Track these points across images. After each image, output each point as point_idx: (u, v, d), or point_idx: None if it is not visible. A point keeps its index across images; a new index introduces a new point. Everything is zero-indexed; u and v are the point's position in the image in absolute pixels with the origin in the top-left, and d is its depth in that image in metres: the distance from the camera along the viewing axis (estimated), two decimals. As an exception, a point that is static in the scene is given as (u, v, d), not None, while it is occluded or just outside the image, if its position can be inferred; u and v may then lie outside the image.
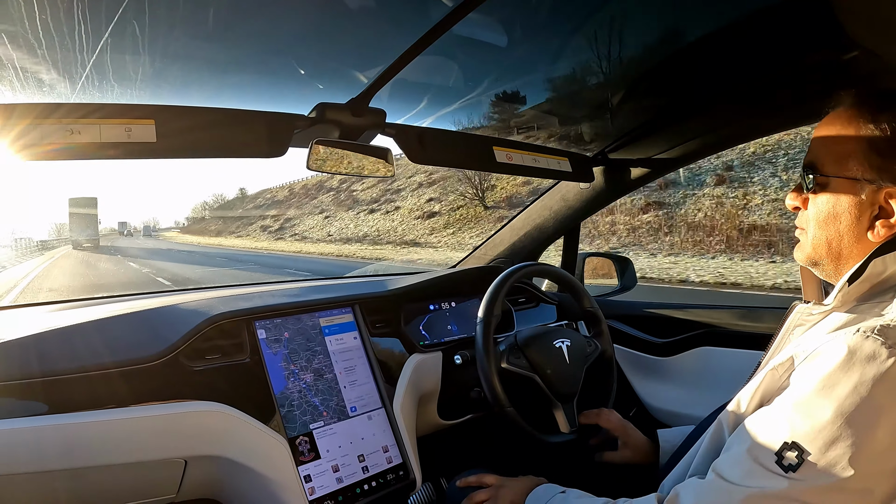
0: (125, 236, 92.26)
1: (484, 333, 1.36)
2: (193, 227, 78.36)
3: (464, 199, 27.49)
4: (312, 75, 1.24)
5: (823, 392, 0.71)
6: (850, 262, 0.84)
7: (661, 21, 1.19)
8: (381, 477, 1.35)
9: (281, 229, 45.27)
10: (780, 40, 1.16)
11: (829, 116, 0.87)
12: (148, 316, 1.33)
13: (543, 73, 1.43)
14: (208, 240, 55.18)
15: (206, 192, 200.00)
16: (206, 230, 65.71)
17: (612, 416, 1.36)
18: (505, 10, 1.09)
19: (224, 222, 63.76)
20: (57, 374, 1.10)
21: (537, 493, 1.09)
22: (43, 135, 0.93)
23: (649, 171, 1.76)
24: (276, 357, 1.35)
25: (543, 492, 1.08)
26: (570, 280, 1.61)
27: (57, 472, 1.07)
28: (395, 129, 1.31)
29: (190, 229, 79.81)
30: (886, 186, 0.80)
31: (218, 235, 57.82)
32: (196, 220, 79.08)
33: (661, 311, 1.98)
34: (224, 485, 1.26)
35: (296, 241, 38.27)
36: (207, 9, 0.98)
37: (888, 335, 0.71)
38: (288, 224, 45.81)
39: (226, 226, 62.07)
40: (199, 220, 77.60)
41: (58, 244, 47.67)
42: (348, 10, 1.04)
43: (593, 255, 2.18)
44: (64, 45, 0.96)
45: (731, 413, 0.88)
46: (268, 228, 48.50)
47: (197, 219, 79.72)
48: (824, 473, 0.68)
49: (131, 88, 1.18)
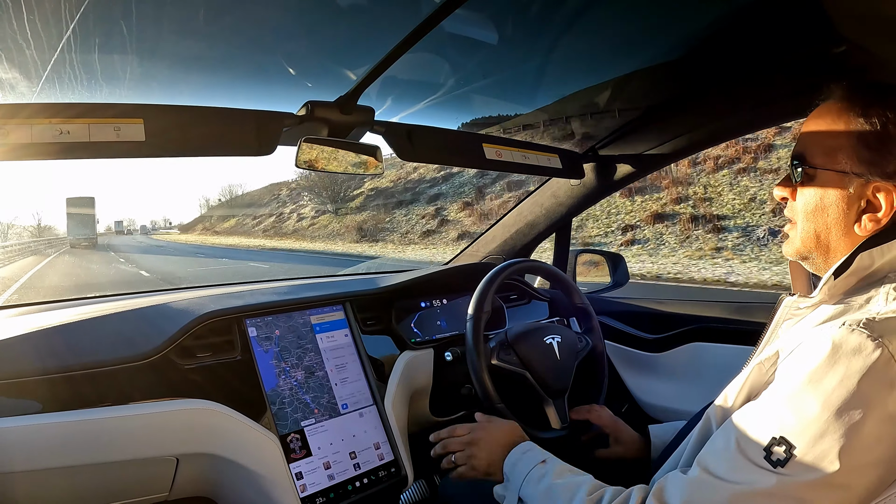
0: (122, 235, 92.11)
1: (474, 330, 1.37)
2: (190, 227, 78.13)
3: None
4: (301, 73, 1.24)
5: (810, 386, 0.71)
6: (837, 256, 0.84)
7: (650, 18, 1.19)
8: (373, 474, 1.36)
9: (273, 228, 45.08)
10: (769, 36, 1.17)
11: (818, 109, 0.87)
12: (139, 314, 1.33)
13: (533, 70, 1.43)
14: (202, 238, 54.89)
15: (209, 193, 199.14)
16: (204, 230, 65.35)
17: (603, 413, 1.37)
18: (495, 7, 1.09)
19: (215, 221, 63.30)
20: (49, 373, 1.10)
21: (514, 458, 1.07)
22: (32, 134, 0.93)
23: (640, 167, 1.76)
24: (267, 355, 1.35)
25: (521, 457, 1.06)
26: (562, 276, 1.61)
27: (49, 470, 1.07)
28: (385, 126, 1.31)
29: (187, 228, 79.65)
30: (874, 181, 0.79)
31: (214, 235, 57.52)
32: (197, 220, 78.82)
33: (653, 306, 1.98)
34: (216, 483, 1.26)
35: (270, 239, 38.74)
36: (195, 7, 0.98)
37: (873, 328, 0.71)
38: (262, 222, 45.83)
39: (213, 225, 61.76)
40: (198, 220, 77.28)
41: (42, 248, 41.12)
42: (337, 7, 1.04)
43: (585, 252, 2.19)
44: (52, 46, 0.96)
45: (718, 407, 0.87)
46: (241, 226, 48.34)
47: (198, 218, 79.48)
48: (812, 468, 0.68)
49: (120, 88, 1.19)
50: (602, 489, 0.90)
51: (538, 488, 0.97)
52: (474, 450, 1.15)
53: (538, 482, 0.98)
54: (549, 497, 0.94)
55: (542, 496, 0.96)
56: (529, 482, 0.99)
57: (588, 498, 0.88)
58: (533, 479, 0.99)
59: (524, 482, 1.00)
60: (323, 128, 1.23)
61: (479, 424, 1.20)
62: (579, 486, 0.92)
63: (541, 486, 0.97)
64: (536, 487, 0.98)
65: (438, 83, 1.40)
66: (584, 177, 1.80)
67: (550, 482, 0.96)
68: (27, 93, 1.14)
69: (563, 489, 0.93)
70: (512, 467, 1.05)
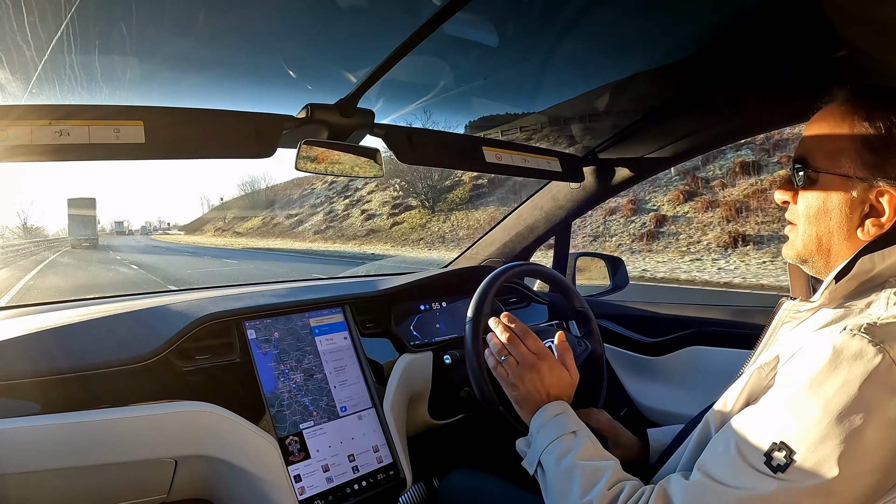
0: (122, 235, 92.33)
1: (473, 333, 1.36)
2: (191, 227, 78.21)
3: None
4: (301, 75, 1.25)
5: (811, 391, 0.70)
6: (839, 259, 0.84)
7: (651, 22, 1.19)
8: (372, 477, 1.35)
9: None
10: (770, 39, 1.17)
11: (821, 112, 0.86)
12: (138, 316, 1.33)
13: (534, 73, 1.43)
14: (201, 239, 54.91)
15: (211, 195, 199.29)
16: (204, 231, 65.22)
17: (602, 416, 1.36)
18: (496, 10, 1.09)
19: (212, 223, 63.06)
20: (48, 374, 1.10)
21: (540, 419, 1.02)
22: (32, 136, 0.93)
23: (639, 170, 1.76)
24: (266, 357, 1.35)
25: (549, 422, 1.01)
26: (561, 280, 1.61)
27: (47, 472, 1.07)
28: (385, 129, 1.31)
29: (188, 228, 79.78)
30: (878, 185, 0.79)
31: (213, 236, 57.38)
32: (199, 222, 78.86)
33: (653, 310, 1.98)
34: (214, 485, 1.26)
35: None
36: (196, 9, 0.98)
37: (875, 333, 0.70)
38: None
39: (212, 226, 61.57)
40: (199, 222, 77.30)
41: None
42: (337, 9, 1.04)
43: (585, 255, 2.18)
44: (52, 47, 0.96)
45: (717, 412, 0.87)
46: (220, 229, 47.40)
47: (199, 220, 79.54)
48: (812, 473, 0.68)
49: (120, 89, 1.19)
50: (622, 483, 0.87)
51: (560, 465, 0.93)
52: (526, 375, 1.09)
53: (561, 458, 0.94)
54: (569, 478, 0.90)
55: (562, 475, 0.91)
56: (551, 452, 0.96)
57: (606, 492, 0.85)
58: (555, 451, 0.95)
59: (545, 451, 0.97)
60: (323, 130, 1.23)
61: (549, 357, 1.13)
62: (602, 475, 0.88)
63: (563, 464, 0.93)
64: (559, 463, 0.93)
65: (438, 86, 1.40)
66: (584, 180, 1.80)
67: (573, 462, 0.92)
68: (27, 94, 1.14)
69: (585, 474, 0.89)
70: (538, 428, 1.02)
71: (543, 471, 0.97)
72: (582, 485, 0.87)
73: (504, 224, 2.13)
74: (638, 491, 0.83)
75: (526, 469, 1.02)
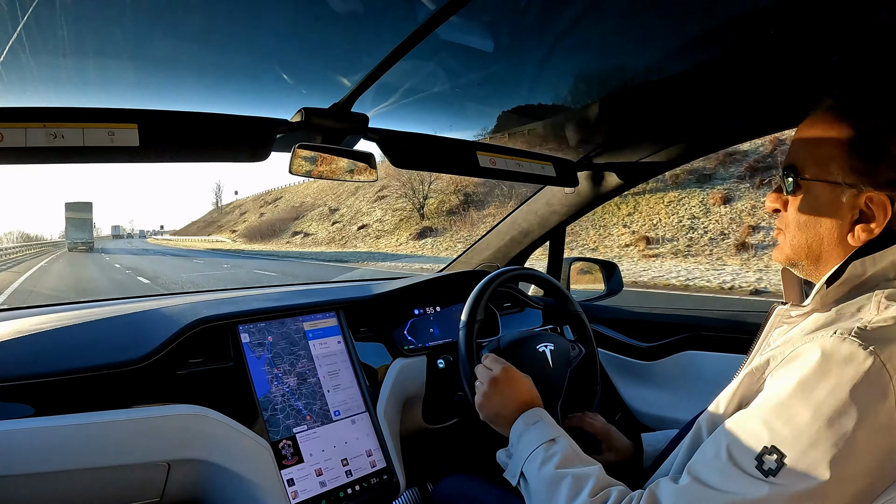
0: (117, 239, 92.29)
1: (466, 337, 1.36)
2: (184, 231, 78.30)
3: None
4: (296, 80, 1.24)
5: (802, 395, 0.70)
6: (829, 265, 0.84)
7: (644, 27, 1.20)
8: (365, 481, 1.35)
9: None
10: (762, 46, 1.17)
11: (810, 119, 0.86)
12: (131, 320, 1.33)
13: (528, 78, 1.43)
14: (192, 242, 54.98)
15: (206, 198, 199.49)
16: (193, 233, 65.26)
17: (596, 420, 1.36)
18: (491, 15, 1.09)
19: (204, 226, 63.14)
20: (41, 376, 1.10)
21: (520, 428, 1.03)
22: (26, 138, 0.93)
23: (634, 175, 1.77)
24: (260, 361, 1.35)
25: (528, 429, 1.02)
26: (555, 284, 1.61)
27: (39, 475, 1.07)
28: (378, 133, 1.31)
29: (181, 232, 79.83)
30: (867, 191, 0.79)
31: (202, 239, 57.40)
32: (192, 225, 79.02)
33: (647, 315, 1.98)
34: (207, 488, 1.25)
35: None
36: (191, 13, 0.98)
37: (865, 337, 0.70)
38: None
39: (203, 229, 61.60)
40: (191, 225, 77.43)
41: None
42: (332, 13, 1.04)
43: (579, 260, 2.19)
44: (47, 50, 0.96)
45: (709, 416, 0.87)
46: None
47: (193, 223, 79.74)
48: (803, 477, 0.67)
49: (114, 93, 1.19)
50: (608, 489, 0.86)
51: (542, 473, 0.93)
52: (491, 390, 1.13)
53: (543, 466, 0.93)
54: (553, 486, 0.89)
55: (546, 484, 0.91)
56: (533, 461, 0.95)
57: (591, 500, 0.84)
58: (537, 460, 0.95)
59: (527, 460, 0.97)
60: (317, 134, 1.23)
61: (504, 368, 1.16)
62: (586, 482, 0.88)
63: (545, 472, 0.92)
64: (540, 472, 0.93)
65: (433, 91, 1.40)
66: (579, 185, 1.81)
67: (555, 470, 0.91)
68: (21, 96, 1.14)
69: (568, 483, 0.88)
70: (518, 438, 1.02)
71: (526, 481, 0.96)
72: (566, 494, 0.87)
73: (499, 229, 2.13)
74: (626, 497, 0.83)
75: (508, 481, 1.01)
